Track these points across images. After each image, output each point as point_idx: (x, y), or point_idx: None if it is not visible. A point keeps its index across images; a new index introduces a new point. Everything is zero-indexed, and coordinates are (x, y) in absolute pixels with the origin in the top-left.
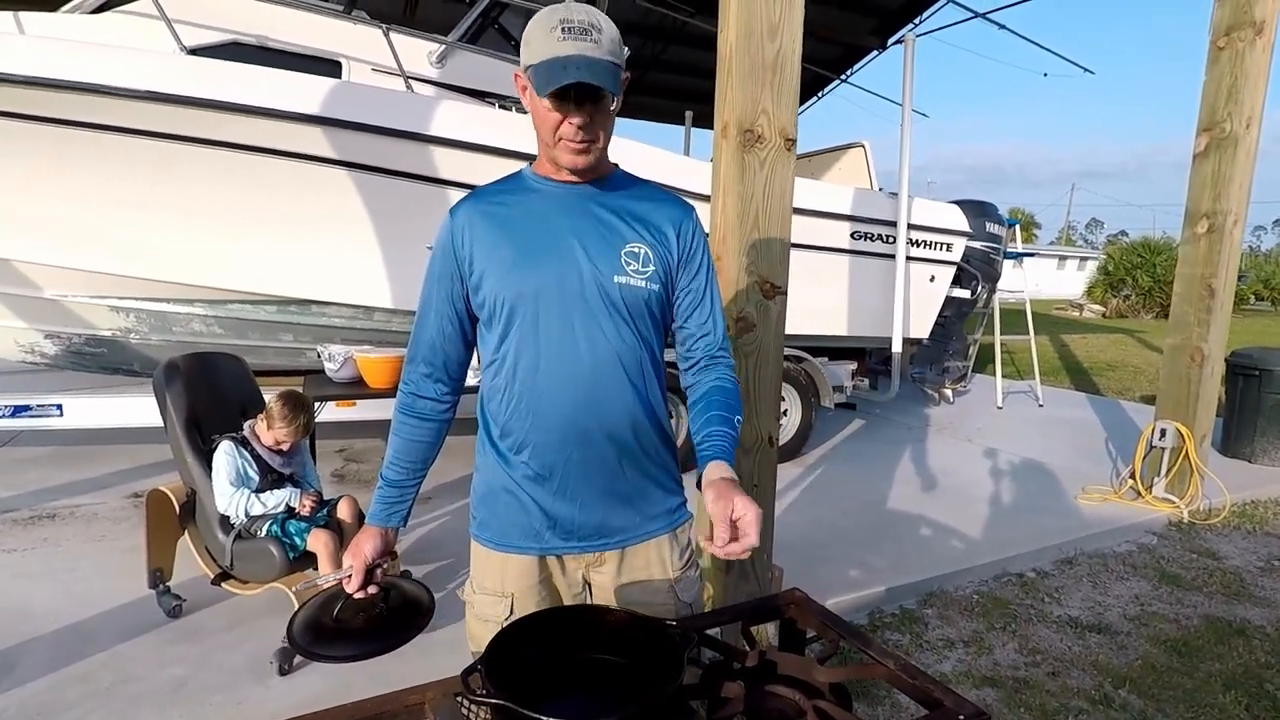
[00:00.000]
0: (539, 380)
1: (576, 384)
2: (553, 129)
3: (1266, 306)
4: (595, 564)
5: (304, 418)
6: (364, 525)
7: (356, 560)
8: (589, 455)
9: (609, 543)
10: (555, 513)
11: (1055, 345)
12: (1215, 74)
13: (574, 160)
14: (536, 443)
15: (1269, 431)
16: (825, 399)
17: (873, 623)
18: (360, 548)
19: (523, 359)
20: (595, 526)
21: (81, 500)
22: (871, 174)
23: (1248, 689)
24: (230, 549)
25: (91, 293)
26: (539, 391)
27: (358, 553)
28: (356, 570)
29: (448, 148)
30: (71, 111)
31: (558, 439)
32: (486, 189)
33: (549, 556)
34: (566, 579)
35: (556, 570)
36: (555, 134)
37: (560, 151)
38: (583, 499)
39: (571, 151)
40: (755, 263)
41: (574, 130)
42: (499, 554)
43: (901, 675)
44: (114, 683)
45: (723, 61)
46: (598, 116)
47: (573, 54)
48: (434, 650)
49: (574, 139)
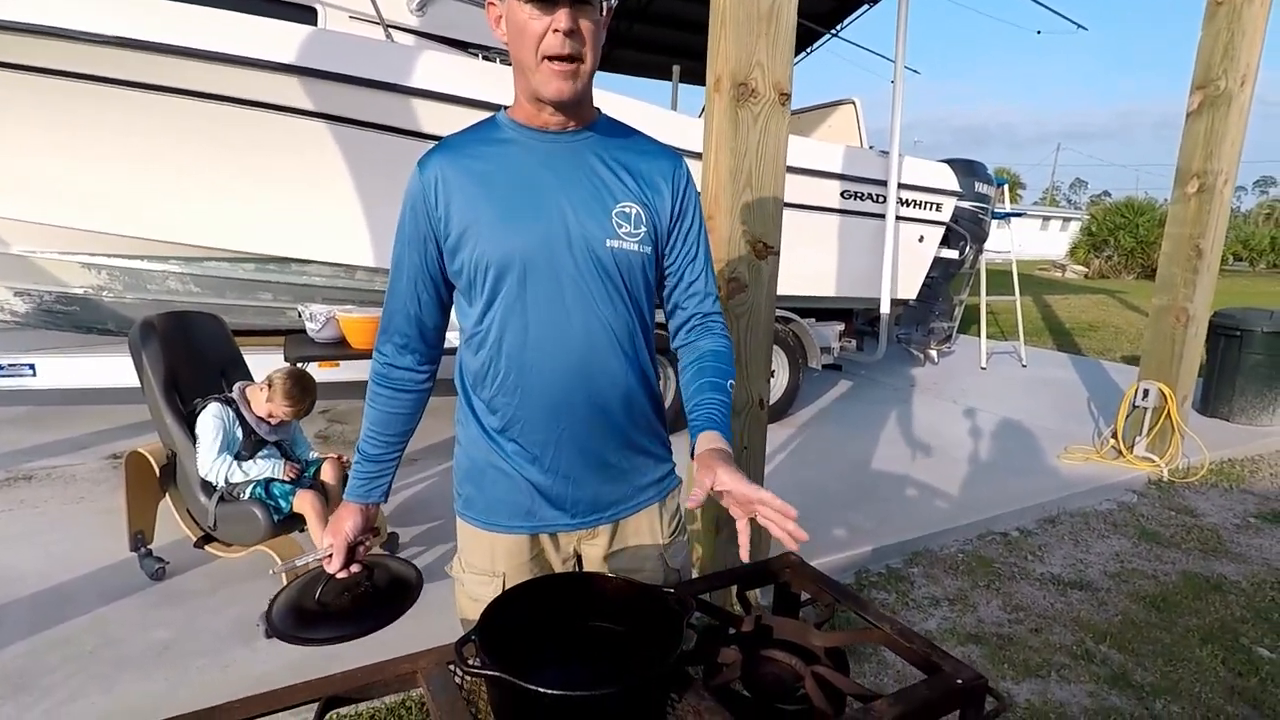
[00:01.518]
0: (527, 355)
1: (567, 357)
2: (535, 41)
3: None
4: (588, 537)
5: (309, 401)
6: (343, 501)
7: (337, 539)
8: (580, 430)
9: (602, 517)
10: (547, 490)
11: (1038, 306)
12: (1212, 30)
13: (559, 87)
14: (526, 419)
15: (1247, 391)
16: (812, 360)
17: (859, 582)
18: (340, 525)
19: (508, 332)
20: (589, 501)
21: (59, 461)
22: (862, 132)
23: (1224, 643)
24: (214, 511)
25: (62, 248)
26: (527, 366)
27: (338, 530)
28: (337, 549)
29: (430, 100)
30: (33, 57)
31: (548, 415)
32: (458, 138)
33: (541, 533)
34: (559, 554)
35: (549, 546)
36: (538, 50)
37: (543, 76)
38: (575, 475)
39: (557, 75)
40: (748, 222)
41: (560, 40)
42: (488, 533)
43: (899, 639)
44: (96, 646)
45: (715, 12)
46: (584, 23)
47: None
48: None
49: (560, 50)
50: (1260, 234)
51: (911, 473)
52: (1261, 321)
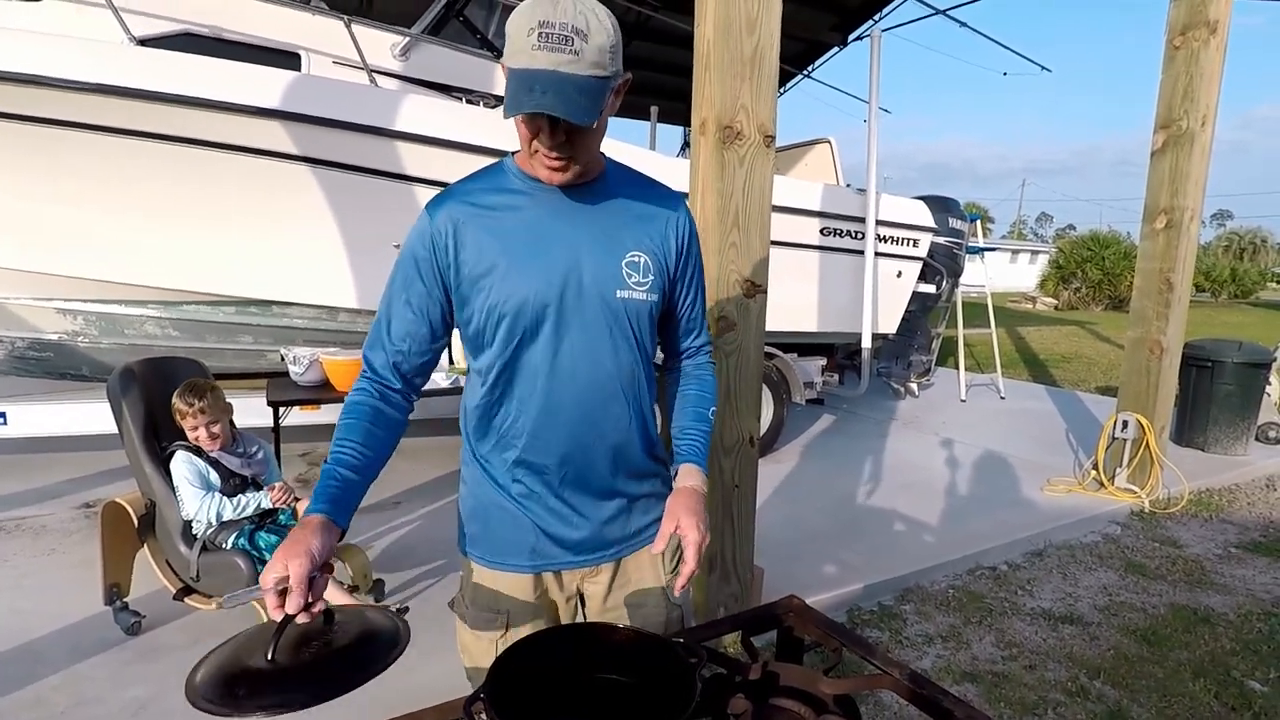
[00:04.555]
0: (535, 400)
1: (574, 402)
2: (528, 142)
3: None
4: (591, 575)
5: (210, 393)
6: (303, 519)
7: (297, 565)
8: (585, 471)
9: (605, 555)
10: (552, 529)
11: (1012, 338)
12: (1171, 73)
13: (550, 177)
14: (532, 461)
15: (1220, 420)
16: (796, 395)
17: (852, 620)
18: (300, 547)
19: (517, 377)
20: (592, 540)
21: (28, 512)
22: (838, 170)
23: (1216, 677)
24: (195, 562)
25: (36, 294)
26: (535, 411)
27: (296, 552)
28: (296, 579)
29: (413, 143)
30: (13, 104)
31: (555, 458)
32: (467, 186)
33: (545, 572)
34: (563, 592)
35: (553, 585)
36: (531, 147)
37: (537, 165)
38: (580, 515)
39: (547, 169)
40: (736, 261)
41: (547, 147)
42: (492, 571)
43: (910, 686)
44: (69, 706)
45: (700, 56)
46: (576, 137)
47: (544, 69)
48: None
49: (549, 153)
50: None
51: (898, 507)
52: (1231, 352)
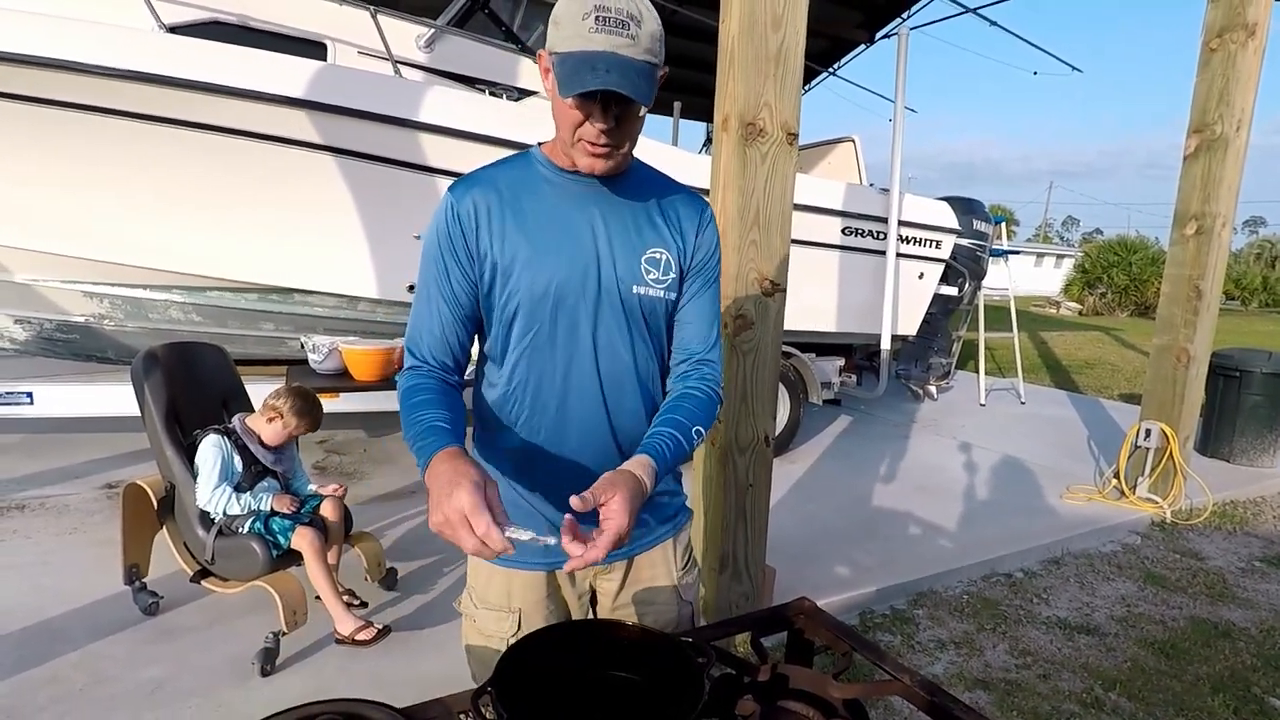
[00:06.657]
0: (551, 393)
1: (589, 396)
2: (572, 128)
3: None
4: (603, 573)
5: (318, 411)
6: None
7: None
8: (601, 467)
9: (618, 553)
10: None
11: (1034, 342)
12: (1206, 76)
13: (591, 164)
14: (546, 456)
15: (1247, 432)
16: (813, 395)
17: (864, 624)
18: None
19: (532, 369)
20: None
21: (52, 491)
22: (861, 169)
23: (1235, 692)
24: (211, 545)
25: (64, 277)
26: (550, 404)
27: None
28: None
29: (436, 134)
30: (44, 89)
31: (569, 453)
32: (492, 172)
33: (558, 570)
34: (575, 589)
35: (565, 582)
36: (574, 133)
37: (578, 153)
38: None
39: (590, 155)
40: (755, 260)
41: (596, 133)
42: (505, 569)
43: (920, 693)
44: (86, 684)
45: (724, 53)
46: (625, 123)
47: (605, 50)
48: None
49: (595, 142)
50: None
51: (913, 510)
52: (1260, 362)
